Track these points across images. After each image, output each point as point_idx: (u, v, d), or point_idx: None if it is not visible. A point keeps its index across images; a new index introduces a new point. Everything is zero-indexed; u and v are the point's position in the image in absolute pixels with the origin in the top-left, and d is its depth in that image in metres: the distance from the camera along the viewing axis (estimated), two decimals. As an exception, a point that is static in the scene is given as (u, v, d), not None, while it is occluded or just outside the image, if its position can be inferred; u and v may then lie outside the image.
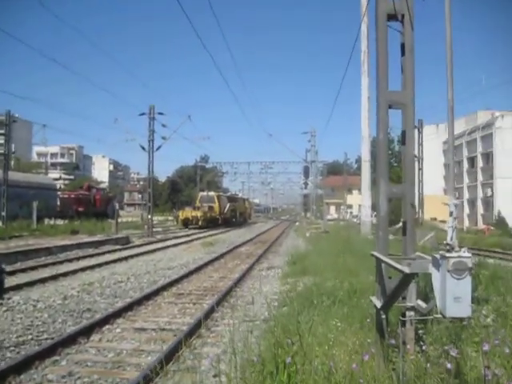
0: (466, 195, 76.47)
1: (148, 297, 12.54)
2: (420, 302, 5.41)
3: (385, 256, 5.30)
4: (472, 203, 75.36)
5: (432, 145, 67.40)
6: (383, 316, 5.36)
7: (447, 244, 4.18)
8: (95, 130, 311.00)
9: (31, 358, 7.28)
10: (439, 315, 4.26)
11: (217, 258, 22.06)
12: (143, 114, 38.70)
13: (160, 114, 39.44)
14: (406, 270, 4.16)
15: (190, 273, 17.04)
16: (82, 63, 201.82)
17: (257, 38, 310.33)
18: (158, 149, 39.23)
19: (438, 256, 4.15)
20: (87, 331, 9.04)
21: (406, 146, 5.72)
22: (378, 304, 5.36)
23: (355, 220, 73.04)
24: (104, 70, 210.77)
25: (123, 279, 15.74)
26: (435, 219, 58.44)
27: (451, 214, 4.41)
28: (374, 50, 5.83)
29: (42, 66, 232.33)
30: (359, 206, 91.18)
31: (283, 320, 6.74)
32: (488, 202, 71.60)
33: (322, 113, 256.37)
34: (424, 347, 4.95)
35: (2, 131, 43.68)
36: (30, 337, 8.89)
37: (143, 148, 38.60)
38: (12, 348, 8.21)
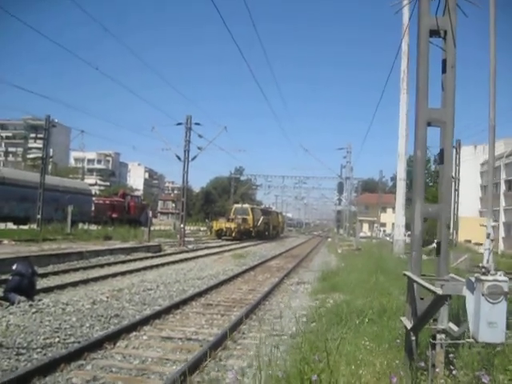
0: (503, 218, 74.94)
1: (176, 306, 12.51)
2: (452, 325, 5.27)
3: (417, 276, 5.19)
4: (508, 227, 73.82)
5: (469, 166, 66.50)
6: (413, 337, 5.24)
7: (483, 267, 4.05)
8: (132, 137, 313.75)
9: (57, 360, 7.30)
10: (471, 339, 4.13)
11: (247, 271, 21.99)
12: (180, 123, 38.97)
13: (197, 124, 39.60)
14: (439, 291, 4.04)
15: (220, 284, 17.01)
16: (121, 71, 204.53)
17: (296, 52, 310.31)
18: (193, 159, 39.41)
19: (472, 279, 4.03)
20: (114, 337, 9.05)
21: (443, 166, 5.60)
22: (409, 325, 5.24)
23: (388, 238, 72.22)
24: (143, 79, 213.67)
25: (153, 287, 15.78)
26: (469, 241, 57.53)
27: (488, 236, 4.29)
28: (414, 68, 5.74)
29: (83, 74, 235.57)
30: (393, 224, 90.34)
31: (311, 336, 6.63)
32: (525, 226, 70.19)
33: (359, 130, 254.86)
34: (454, 372, 4.80)
35: (41, 135, 44.53)
36: (57, 339, 8.92)
37: (179, 158, 38.85)
38: (39, 350, 8.26)
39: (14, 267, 12.62)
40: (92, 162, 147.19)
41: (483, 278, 3.90)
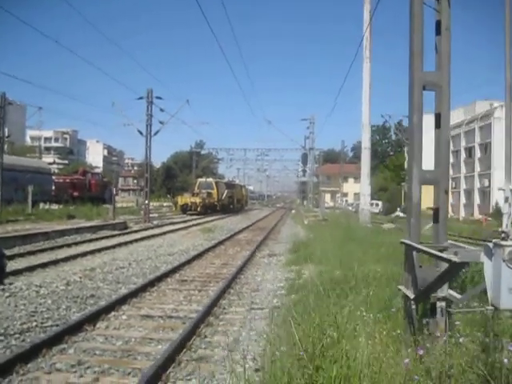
0: (463, 185, 76.17)
1: (152, 283, 12.28)
2: (452, 292, 5.19)
3: (417, 244, 5.07)
4: (468, 193, 75.07)
5: (428, 136, 67.24)
6: (413, 306, 5.14)
7: (502, 231, 3.91)
8: (92, 113, 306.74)
9: (38, 346, 7.00)
10: (491, 307, 4.01)
11: (217, 245, 21.82)
12: (141, 98, 38.21)
13: (158, 98, 38.90)
14: (454, 258, 3.90)
15: (192, 259, 16.78)
16: (80, 45, 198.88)
17: (262, 27, 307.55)
18: (155, 133, 38.79)
19: (490, 245, 3.89)
20: (93, 318, 8.78)
21: (440, 130, 5.46)
22: (410, 294, 5.13)
23: (350, 208, 73.18)
24: (104, 54, 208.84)
25: (125, 265, 15.47)
26: (431, 208, 58.62)
27: (507, 199, 4.15)
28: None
29: (40, 46, 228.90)
30: (355, 194, 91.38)
31: (321, 309, 6.42)
32: (485, 193, 71.21)
33: (320, 102, 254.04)
34: (461, 339, 4.69)
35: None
36: (34, 324, 8.60)
37: (141, 132, 38.16)
38: (17, 335, 7.93)
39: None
40: (49, 141, 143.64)
41: (504, 243, 3.77)
